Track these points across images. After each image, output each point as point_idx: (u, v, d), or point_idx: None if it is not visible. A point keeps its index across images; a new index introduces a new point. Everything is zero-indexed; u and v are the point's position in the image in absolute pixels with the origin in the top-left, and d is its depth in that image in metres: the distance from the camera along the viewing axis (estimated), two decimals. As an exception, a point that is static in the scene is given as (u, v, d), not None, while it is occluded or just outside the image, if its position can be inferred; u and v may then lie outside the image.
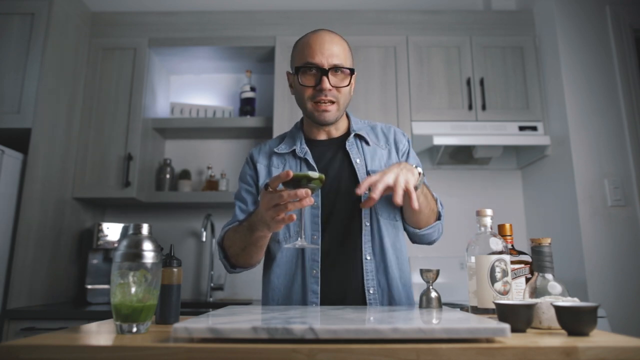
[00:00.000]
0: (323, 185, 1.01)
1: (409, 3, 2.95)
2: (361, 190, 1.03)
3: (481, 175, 2.75)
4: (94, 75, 2.52)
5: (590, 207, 2.16)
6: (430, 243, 1.33)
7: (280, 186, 1.00)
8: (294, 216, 0.98)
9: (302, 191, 0.95)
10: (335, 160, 1.29)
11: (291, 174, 0.94)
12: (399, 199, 1.02)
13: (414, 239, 1.32)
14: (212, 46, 2.59)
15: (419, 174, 1.12)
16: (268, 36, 2.58)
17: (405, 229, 1.32)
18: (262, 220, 1.04)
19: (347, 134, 1.34)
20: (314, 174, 0.96)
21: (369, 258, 1.23)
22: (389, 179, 1.03)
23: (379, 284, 1.23)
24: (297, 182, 0.96)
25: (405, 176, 1.04)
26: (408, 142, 1.38)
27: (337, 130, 1.34)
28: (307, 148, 1.30)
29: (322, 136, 1.34)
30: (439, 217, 1.29)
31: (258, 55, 2.68)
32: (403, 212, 1.27)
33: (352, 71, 1.25)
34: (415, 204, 1.05)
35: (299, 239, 1.05)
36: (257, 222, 1.08)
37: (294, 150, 1.31)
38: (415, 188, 1.09)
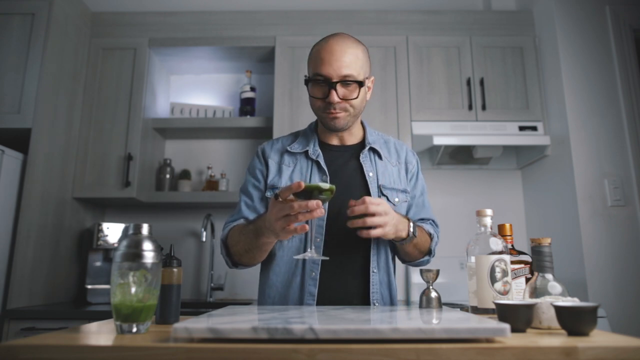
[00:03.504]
0: (333, 196, 1.01)
1: (409, 3, 2.95)
2: (354, 207, 1.07)
3: (481, 175, 2.75)
4: (94, 75, 2.52)
5: (590, 207, 2.16)
6: (414, 267, 1.40)
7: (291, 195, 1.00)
8: (307, 227, 0.98)
9: (313, 202, 0.94)
10: (347, 168, 1.29)
11: (303, 185, 0.94)
12: (352, 224, 1.08)
13: (401, 262, 1.37)
14: (212, 46, 2.59)
15: (411, 231, 1.16)
16: (268, 36, 2.58)
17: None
18: (271, 229, 1.03)
19: (362, 143, 1.34)
20: (325, 185, 0.96)
21: (375, 271, 1.24)
22: (376, 209, 1.06)
23: (382, 297, 1.25)
24: (308, 193, 0.95)
25: (387, 226, 1.09)
26: (417, 162, 1.39)
27: (352, 137, 1.33)
28: (319, 151, 1.30)
29: (336, 142, 1.33)
30: (429, 253, 1.32)
31: (258, 55, 2.68)
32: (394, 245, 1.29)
33: (360, 84, 1.20)
34: (365, 235, 1.09)
35: (309, 249, 1.05)
36: (265, 230, 1.07)
37: (307, 151, 1.30)
38: (404, 240, 1.16)
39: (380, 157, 1.32)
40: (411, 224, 1.17)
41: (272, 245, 1.18)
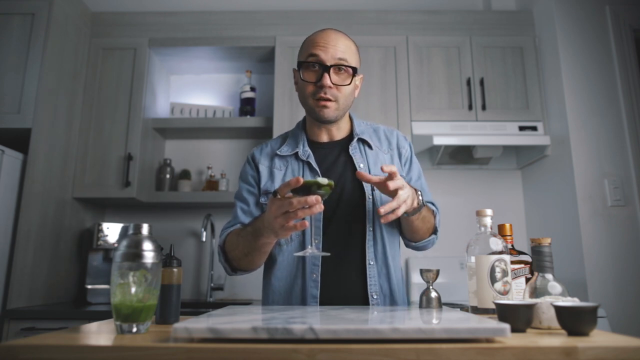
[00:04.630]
0: (332, 191, 0.99)
1: (409, 3, 2.95)
2: (384, 211, 1.02)
3: (481, 175, 2.75)
4: (94, 75, 2.52)
5: (590, 207, 2.16)
6: (422, 250, 1.36)
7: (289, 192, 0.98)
8: (307, 223, 0.97)
9: (312, 198, 0.93)
10: (337, 164, 1.28)
11: (301, 180, 0.93)
12: (383, 211, 1.02)
13: (408, 247, 1.35)
14: (212, 46, 2.59)
15: (421, 199, 1.13)
16: (268, 36, 2.58)
17: (401, 238, 1.33)
18: (270, 227, 1.02)
19: (350, 136, 1.33)
20: (324, 181, 0.95)
21: (372, 263, 1.23)
22: (405, 197, 1.03)
23: (381, 289, 1.23)
24: (307, 189, 0.94)
25: (408, 201, 1.06)
26: (410, 147, 1.38)
27: (339, 132, 1.33)
28: (309, 151, 1.29)
29: (324, 138, 1.32)
30: (435, 231, 1.30)
31: (258, 55, 2.68)
32: (401, 225, 1.26)
33: (354, 70, 1.23)
34: (389, 219, 1.04)
35: (309, 246, 1.04)
36: (264, 229, 1.06)
37: (297, 152, 1.29)
38: (414, 212, 1.13)
39: (370, 146, 1.31)
40: (419, 192, 1.15)
41: (271, 246, 1.17)
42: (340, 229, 1.23)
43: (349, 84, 1.23)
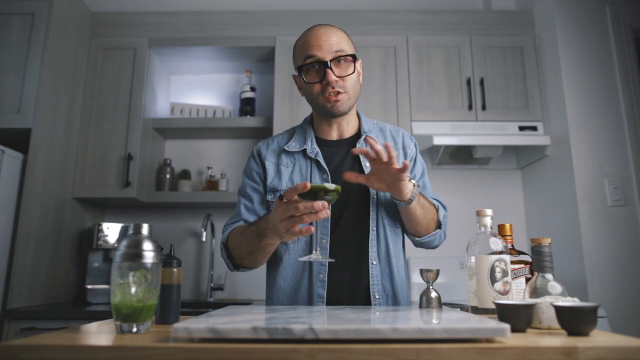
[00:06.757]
0: (339, 197, 0.98)
1: (409, 3, 2.95)
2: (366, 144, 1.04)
3: (481, 175, 2.75)
4: (94, 75, 2.52)
5: (590, 207, 2.16)
6: (432, 248, 1.33)
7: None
8: (312, 228, 0.96)
9: (319, 204, 0.92)
10: (345, 163, 1.28)
11: (309, 185, 0.92)
12: (396, 162, 1.04)
13: (416, 244, 1.32)
14: (212, 46, 2.59)
15: (414, 185, 1.12)
16: (268, 36, 2.58)
17: (406, 235, 1.32)
18: (275, 230, 1.02)
19: (358, 134, 1.33)
20: (331, 186, 0.94)
21: (374, 263, 1.22)
22: (392, 154, 1.04)
23: (384, 289, 1.23)
24: (313, 193, 0.94)
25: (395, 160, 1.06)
26: (415, 146, 1.37)
27: (349, 127, 1.32)
28: (317, 148, 1.28)
29: (333, 135, 1.32)
30: (439, 225, 1.28)
31: (258, 55, 2.68)
32: (403, 221, 1.25)
33: (354, 57, 1.23)
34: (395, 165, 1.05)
35: (314, 251, 1.03)
36: (268, 230, 1.05)
37: (305, 149, 1.29)
38: (410, 201, 1.12)
39: None
40: (412, 181, 1.13)
41: (275, 246, 1.16)
42: (346, 229, 1.23)
43: (353, 72, 1.23)
